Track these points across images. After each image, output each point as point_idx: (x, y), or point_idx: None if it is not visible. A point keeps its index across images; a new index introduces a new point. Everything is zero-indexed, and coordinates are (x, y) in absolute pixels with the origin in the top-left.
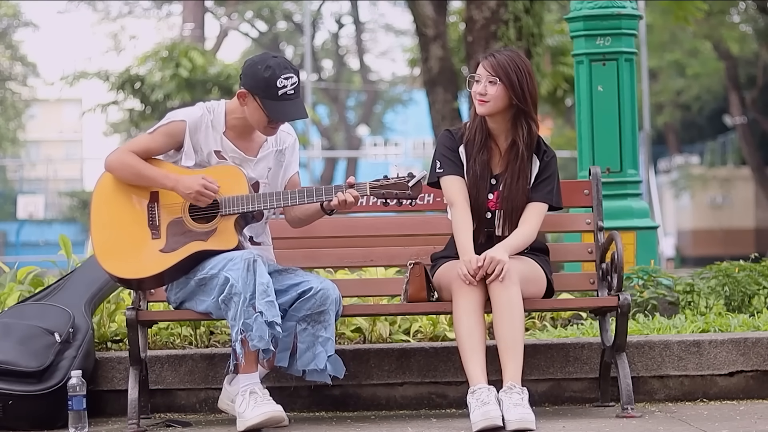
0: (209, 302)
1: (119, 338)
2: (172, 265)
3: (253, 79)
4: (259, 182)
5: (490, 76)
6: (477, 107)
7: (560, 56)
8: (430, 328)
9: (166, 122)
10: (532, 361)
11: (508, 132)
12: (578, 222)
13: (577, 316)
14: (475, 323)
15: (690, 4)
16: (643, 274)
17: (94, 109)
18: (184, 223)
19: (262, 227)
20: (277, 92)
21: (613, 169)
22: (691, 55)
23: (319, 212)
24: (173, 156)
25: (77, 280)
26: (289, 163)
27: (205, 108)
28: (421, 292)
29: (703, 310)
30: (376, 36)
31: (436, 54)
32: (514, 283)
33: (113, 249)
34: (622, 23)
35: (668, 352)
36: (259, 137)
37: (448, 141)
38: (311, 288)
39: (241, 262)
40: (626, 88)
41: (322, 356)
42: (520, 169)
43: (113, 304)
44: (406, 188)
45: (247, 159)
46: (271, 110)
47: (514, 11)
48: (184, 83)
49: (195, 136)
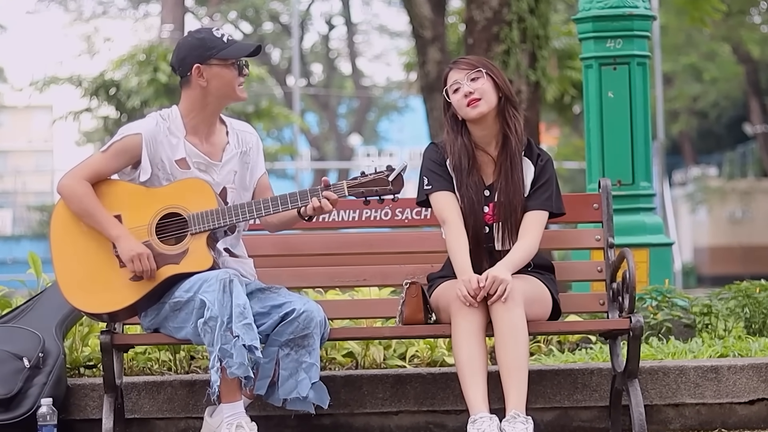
0: (188, 329)
1: (93, 363)
2: (145, 294)
3: (194, 48)
4: (227, 188)
5: (470, 73)
6: (470, 112)
7: (568, 60)
8: (427, 352)
9: (120, 138)
10: (538, 388)
11: (498, 134)
12: (587, 238)
13: (585, 340)
14: (476, 347)
15: (707, 4)
16: (656, 295)
17: (66, 116)
18: (152, 247)
19: (236, 239)
20: (222, 40)
21: (625, 182)
22: (709, 59)
23: (297, 218)
24: (129, 173)
25: (47, 300)
26: (255, 164)
27: (159, 116)
28: (417, 314)
29: (722, 334)
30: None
31: (434, 57)
32: (518, 304)
33: (80, 283)
34: (634, 24)
35: (684, 378)
36: (220, 140)
37: (434, 155)
38: (294, 310)
39: (217, 283)
40: (639, 94)
41: (305, 383)
42: (513, 166)
43: (86, 327)
44: (386, 183)
45: (213, 164)
46: (232, 52)
47: (517, 11)
48: (162, 89)
49: (153, 148)
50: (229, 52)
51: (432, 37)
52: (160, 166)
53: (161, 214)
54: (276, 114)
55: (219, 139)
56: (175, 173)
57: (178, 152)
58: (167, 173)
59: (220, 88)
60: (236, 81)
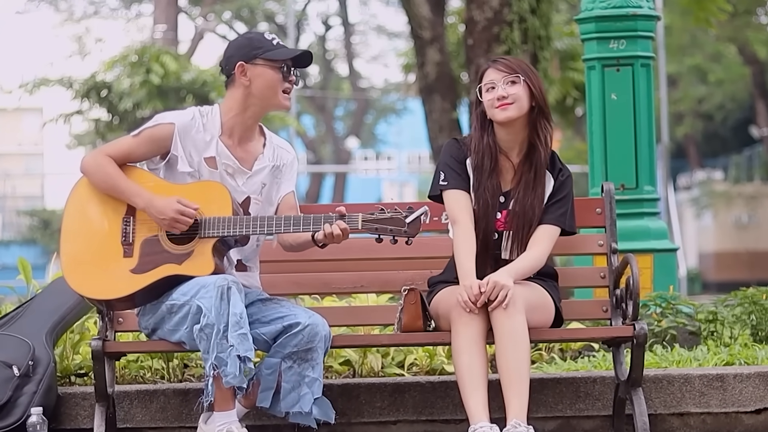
0: (182, 332)
1: (84, 372)
2: (141, 288)
3: (242, 47)
4: (251, 198)
5: (508, 76)
6: (498, 114)
7: (570, 61)
8: (426, 360)
9: (153, 124)
10: (539, 396)
11: (523, 142)
12: (590, 244)
13: (588, 348)
14: (476, 355)
15: (712, 4)
16: (661, 301)
17: (57, 119)
18: (159, 242)
19: (253, 252)
20: (271, 42)
21: (628, 186)
22: (714, 60)
23: (310, 243)
24: (156, 163)
25: (38, 307)
26: (284, 181)
27: (198, 111)
28: (416, 321)
29: (728, 341)
30: (367, 39)
31: (433, 58)
32: (519, 311)
33: (81, 263)
34: (638, 25)
35: (689, 387)
36: (255, 149)
37: (455, 151)
38: (299, 323)
39: (214, 290)
40: (642, 96)
41: (308, 398)
42: (536, 179)
43: (77, 335)
44: (402, 224)
45: (242, 170)
46: (279, 54)
47: (518, 11)
48: (155, 91)
49: (185, 141)
50: (276, 53)
51: (431, 37)
52: (188, 160)
53: None
54: (271, 116)
55: (254, 148)
56: (202, 171)
57: (209, 150)
58: (194, 170)
59: (262, 89)
60: (280, 85)
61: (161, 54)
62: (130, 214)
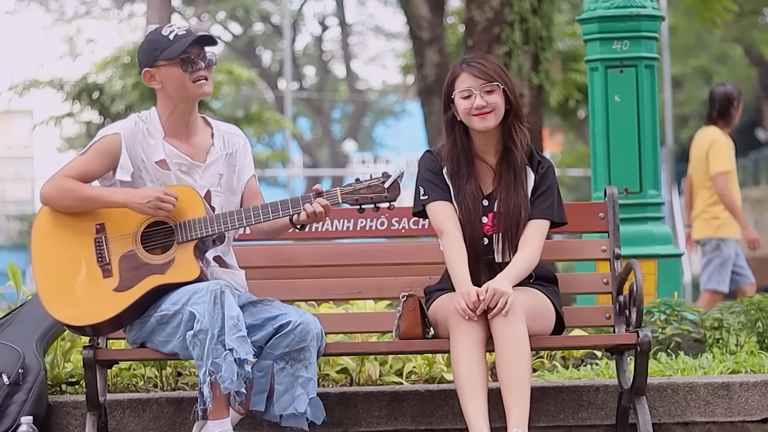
0: (175, 342)
1: (75, 380)
2: (129, 305)
3: (142, 53)
4: (211, 191)
5: (485, 84)
6: (477, 123)
7: (572, 62)
8: (425, 368)
9: (98, 138)
10: (541, 405)
11: (498, 143)
12: (592, 249)
13: (591, 355)
14: (476, 363)
15: (718, 4)
16: (665, 308)
17: (47, 121)
18: (137, 256)
19: (227, 246)
20: (168, 38)
21: (632, 190)
22: (720, 61)
23: (288, 225)
24: (111, 179)
25: (27, 314)
26: (243, 166)
27: (138, 117)
28: (415, 328)
29: (733, 349)
30: (365, 39)
31: (432, 60)
32: (519, 318)
33: (61, 294)
34: (641, 25)
35: (694, 395)
36: (204, 142)
37: (429, 163)
38: (289, 322)
39: (207, 295)
40: (646, 98)
41: (303, 399)
42: (516, 179)
43: (68, 342)
44: (382, 190)
45: (195, 165)
46: (173, 52)
47: (519, 11)
48: (148, 93)
49: (133, 150)
50: (170, 50)
51: (430, 38)
52: (142, 168)
53: (147, 223)
54: (267, 119)
55: (202, 140)
56: (157, 175)
57: (158, 154)
58: (151, 175)
59: (173, 88)
60: (186, 77)
61: None
62: (101, 233)
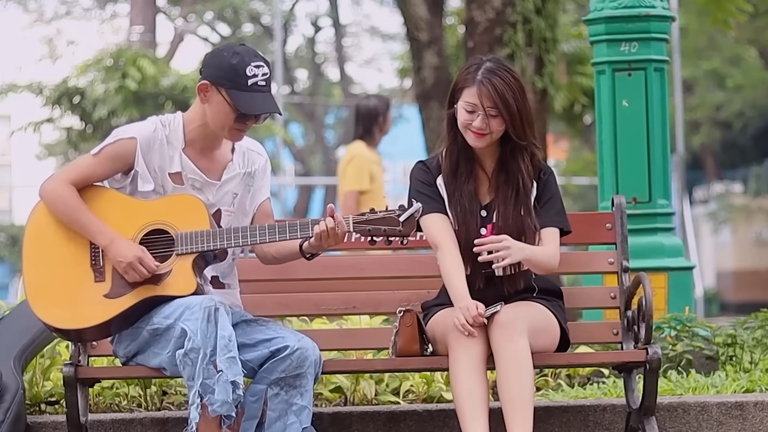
0: (164, 356)
1: (55, 399)
2: (119, 314)
3: (218, 67)
4: (222, 210)
5: (489, 109)
6: (471, 140)
7: (578, 65)
8: (423, 387)
9: (113, 140)
10: (545, 426)
11: (495, 151)
12: (599, 261)
13: (597, 374)
14: (476, 381)
15: (731, 4)
16: (676, 324)
17: (25, 127)
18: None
19: (229, 267)
20: (246, 81)
21: (641, 199)
22: (733, 64)
23: (297, 253)
24: (120, 181)
25: (5, 330)
26: (258, 188)
27: (159, 122)
28: (412, 345)
29: (747, 366)
30: (360, 41)
31: (430, 62)
32: (522, 333)
33: (48, 293)
34: (651, 26)
35: (706, 415)
36: (222, 157)
37: (422, 174)
38: (287, 346)
39: (201, 311)
40: (656, 103)
41: (296, 427)
42: (517, 196)
43: (48, 359)
44: (396, 224)
45: (209, 183)
46: (239, 102)
47: (522, 12)
48: (132, 97)
49: (147, 156)
50: (238, 99)
51: (428, 40)
52: (152, 176)
53: (147, 230)
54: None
55: (221, 155)
56: (166, 186)
57: (174, 165)
58: (159, 185)
59: (214, 117)
60: (230, 124)
61: (138, 57)
62: None
